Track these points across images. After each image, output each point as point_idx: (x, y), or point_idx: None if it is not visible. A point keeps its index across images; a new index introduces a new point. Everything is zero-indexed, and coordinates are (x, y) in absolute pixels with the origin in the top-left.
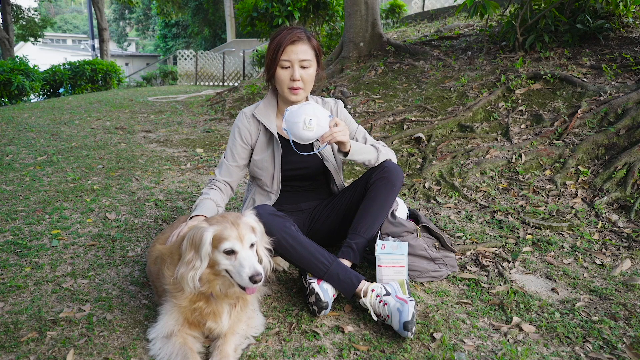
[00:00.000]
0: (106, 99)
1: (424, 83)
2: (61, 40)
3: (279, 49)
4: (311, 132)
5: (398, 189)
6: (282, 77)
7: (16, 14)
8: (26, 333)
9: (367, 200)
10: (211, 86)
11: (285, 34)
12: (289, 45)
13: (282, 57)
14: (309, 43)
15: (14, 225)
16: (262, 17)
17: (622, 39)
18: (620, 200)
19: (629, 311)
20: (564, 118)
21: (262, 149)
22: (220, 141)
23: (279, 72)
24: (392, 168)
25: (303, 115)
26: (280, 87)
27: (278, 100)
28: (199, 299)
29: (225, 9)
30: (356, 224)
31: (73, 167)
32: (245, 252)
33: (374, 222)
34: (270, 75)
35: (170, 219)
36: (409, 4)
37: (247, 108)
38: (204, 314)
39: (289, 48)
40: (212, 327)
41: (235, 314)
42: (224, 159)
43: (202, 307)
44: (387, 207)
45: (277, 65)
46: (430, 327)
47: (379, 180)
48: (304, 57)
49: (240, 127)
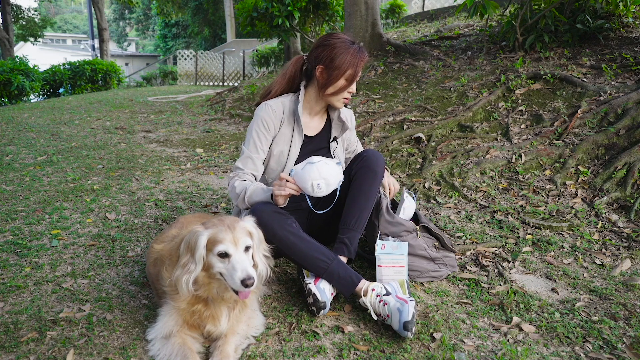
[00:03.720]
0: (106, 99)
1: (424, 83)
2: (61, 40)
3: (355, 66)
4: (321, 192)
5: (381, 176)
6: (341, 88)
7: (16, 14)
8: (26, 333)
9: (352, 192)
10: (211, 86)
11: (357, 52)
12: (361, 64)
13: (358, 72)
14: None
15: (14, 225)
16: (262, 17)
17: (622, 39)
18: (620, 200)
19: (629, 311)
20: (564, 118)
21: (283, 141)
22: (220, 141)
23: (341, 83)
24: (372, 155)
25: (310, 180)
26: (336, 95)
27: (308, 97)
28: (197, 302)
29: (225, 9)
30: (345, 218)
31: (73, 167)
32: (238, 255)
33: (362, 214)
34: (330, 83)
35: (170, 219)
36: (409, 4)
37: (272, 100)
38: (202, 317)
39: (360, 67)
40: (211, 330)
41: (234, 315)
42: (248, 151)
43: (201, 310)
44: (373, 196)
45: (344, 78)
46: (430, 327)
47: (360, 170)
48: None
49: (266, 119)
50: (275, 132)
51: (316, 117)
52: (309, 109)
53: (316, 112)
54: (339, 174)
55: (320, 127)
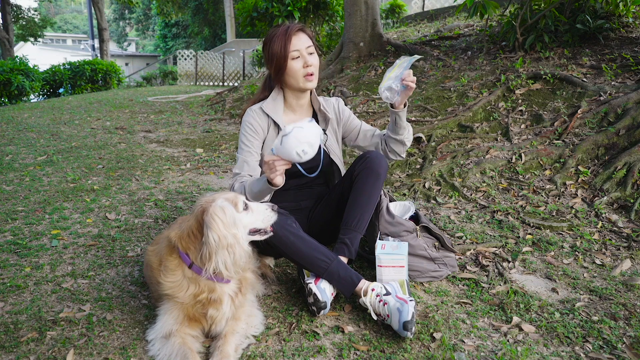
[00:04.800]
0: (106, 99)
1: (424, 83)
2: (61, 40)
3: (285, 43)
4: (309, 155)
5: (383, 178)
6: (295, 68)
7: (16, 14)
8: (26, 333)
9: (354, 193)
10: (211, 86)
11: (284, 29)
12: (294, 36)
13: (292, 49)
14: (306, 32)
15: (14, 225)
16: (262, 17)
17: (622, 39)
18: (620, 200)
19: (629, 311)
20: (564, 118)
21: (271, 144)
22: (220, 141)
23: (291, 64)
24: (375, 157)
25: (293, 149)
26: (295, 78)
27: (285, 96)
28: (202, 291)
29: (225, 9)
30: (347, 219)
31: (73, 167)
32: (250, 203)
33: (364, 215)
34: (281, 73)
35: (170, 219)
36: (409, 4)
37: (254, 105)
38: (206, 303)
39: (294, 39)
40: (213, 315)
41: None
42: (243, 157)
43: (206, 297)
44: (375, 197)
45: (288, 58)
46: (430, 327)
47: (363, 172)
48: (308, 43)
49: (252, 122)
50: (264, 134)
51: (301, 111)
52: (291, 107)
53: (300, 106)
54: (316, 131)
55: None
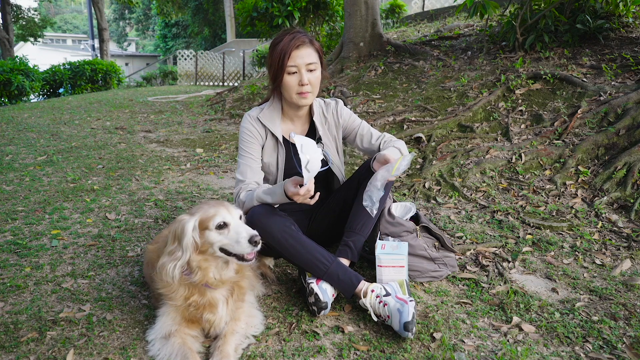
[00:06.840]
0: (106, 99)
1: (424, 83)
2: (61, 40)
3: (284, 56)
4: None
5: (390, 185)
6: (290, 84)
7: (16, 14)
8: (26, 333)
9: (360, 197)
10: (211, 86)
11: (288, 40)
12: (294, 51)
13: (289, 64)
14: (312, 46)
15: (14, 225)
16: (262, 17)
17: (622, 39)
18: (620, 200)
19: (629, 311)
20: (564, 118)
21: (269, 152)
22: (220, 141)
23: (286, 79)
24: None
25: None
26: (289, 93)
27: (283, 105)
28: (192, 294)
29: (225, 9)
30: (351, 222)
31: (73, 167)
32: (236, 222)
33: (369, 219)
34: (277, 83)
35: (170, 219)
36: (409, 4)
37: (252, 111)
38: (199, 307)
39: (294, 53)
40: (210, 319)
41: (232, 302)
42: (245, 162)
43: (197, 300)
44: (381, 203)
45: (284, 72)
46: (430, 327)
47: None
48: (309, 60)
49: (250, 129)
50: (262, 140)
51: (299, 121)
52: (288, 116)
53: (298, 117)
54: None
55: (305, 130)
